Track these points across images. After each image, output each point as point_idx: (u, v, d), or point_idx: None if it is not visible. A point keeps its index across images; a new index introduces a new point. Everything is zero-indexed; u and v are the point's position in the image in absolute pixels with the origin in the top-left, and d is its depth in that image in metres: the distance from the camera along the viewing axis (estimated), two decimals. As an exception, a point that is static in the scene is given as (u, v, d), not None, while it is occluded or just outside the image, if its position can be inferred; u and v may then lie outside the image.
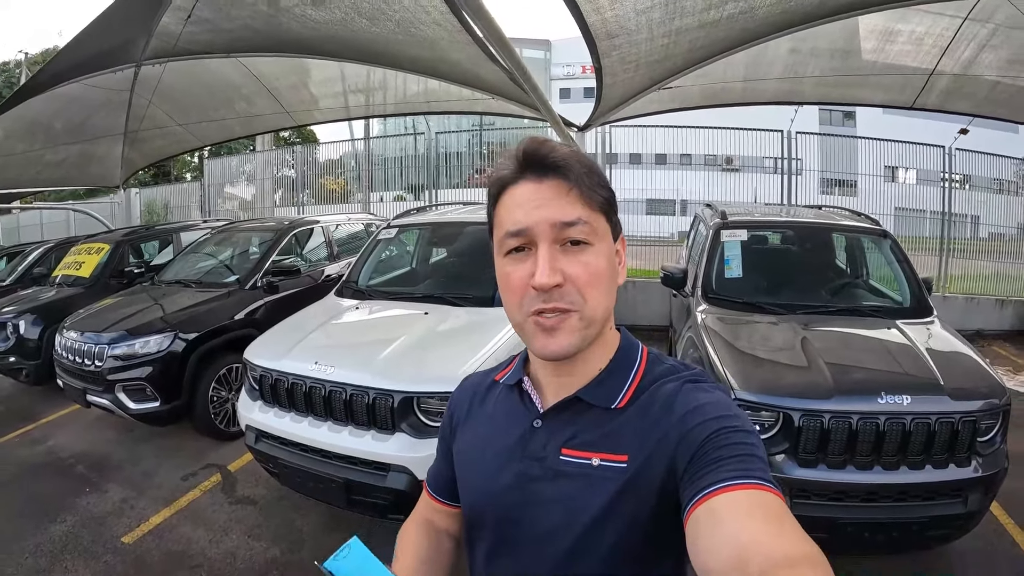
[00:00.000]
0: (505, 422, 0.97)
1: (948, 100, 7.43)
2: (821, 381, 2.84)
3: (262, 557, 3.40)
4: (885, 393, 2.74)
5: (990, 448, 2.86)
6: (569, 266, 0.81)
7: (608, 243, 0.86)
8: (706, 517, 0.68)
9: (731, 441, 0.74)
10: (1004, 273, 9.19)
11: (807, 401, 2.74)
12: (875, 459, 2.73)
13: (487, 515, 0.94)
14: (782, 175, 9.42)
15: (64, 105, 6.78)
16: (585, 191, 0.83)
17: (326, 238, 6.88)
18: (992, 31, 5.73)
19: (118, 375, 4.49)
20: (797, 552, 0.60)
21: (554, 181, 0.82)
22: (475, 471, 0.98)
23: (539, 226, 0.81)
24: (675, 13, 3.71)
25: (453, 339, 3.57)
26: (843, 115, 25.29)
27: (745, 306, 3.88)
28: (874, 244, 4.66)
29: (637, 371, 0.91)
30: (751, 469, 0.71)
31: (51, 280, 7.10)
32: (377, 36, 4.47)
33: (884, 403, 2.71)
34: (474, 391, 1.08)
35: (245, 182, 14.54)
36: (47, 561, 3.40)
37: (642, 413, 0.85)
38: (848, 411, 2.71)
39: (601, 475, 0.83)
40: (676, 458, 0.77)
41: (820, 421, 2.72)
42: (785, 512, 0.66)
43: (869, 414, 2.70)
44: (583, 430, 0.87)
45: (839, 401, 2.73)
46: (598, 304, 0.83)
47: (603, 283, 0.84)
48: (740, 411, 0.82)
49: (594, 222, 0.83)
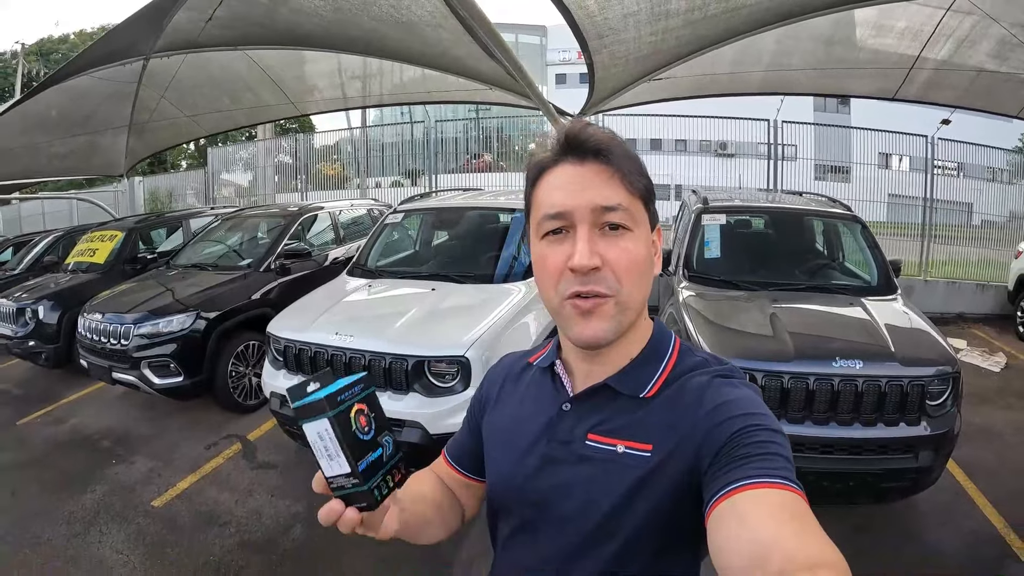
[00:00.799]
0: (535, 404, 0.97)
1: (930, 91, 7.60)
2: (782, 347, 3.20)
3: (286, 512, 3.74)
4: (840, 358, 3.09)
5: (941, 411, 3.17)
6: (608, 250, 0.81)
7: (646, 231, 0.86)
8: (728, 514, 0.68)
9: (757, 439, 0.74)
10: (990, 259, 9.46)
11: (769, 363, 3.10)
12: (831, 416, 3.09)
13: (511, 495, 0.95)
14: (768, 161, 9.75)
15: (74, 98, 6.91)
16: (627, 176, 0.83)
17: (332, 223, 7.20)
18: (973, 24, 5.90)
19: (144, 352, 4.80)
20: (819, 556, 0.60)
21: (595, 165, 0.82)
22: (503, 451, 0.99)
23: (579, 209, 0.81)
24: (661, 15, 4.00)
25: (458, 311, 3.92)
26: (837, 102, 25.13)
27: (722, 283, 4.22)
28: (847, 229, 5.01)
29: (668, 362, 0.90)
30: (776, 468, 0.70)
31: (64, 267, 7.34)
32: (384, 34, 4.75)
33: (838, 366, 3.06)
34: (508, 370, 1.09)
35: (244, 170, 14.73)
36: (82, 527, 3.64)
37: (670, 404, 0.85)
38: (805, 372, 3.06)
39: (625, 462, 0.83)
40: (701, 452, 0.78)
41: (780, 381, 3.07)
42: (808, 514, 0.66)
43: (824, 376, 3.06)
44: (610, 417, 0.88)
45: (797, 364, 3.08)
46: (634, 290, 0.83)
47: (640, 270, 0.84)
48: (768, 409, 0.81)
49: (633, 208, 0.83)
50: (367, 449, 0.73)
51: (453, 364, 3.40)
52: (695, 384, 0.86)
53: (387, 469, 0.76)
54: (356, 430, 0.73)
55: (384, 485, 0.75)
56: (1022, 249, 7.94)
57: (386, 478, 0.76)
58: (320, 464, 0.73)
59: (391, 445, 0.77)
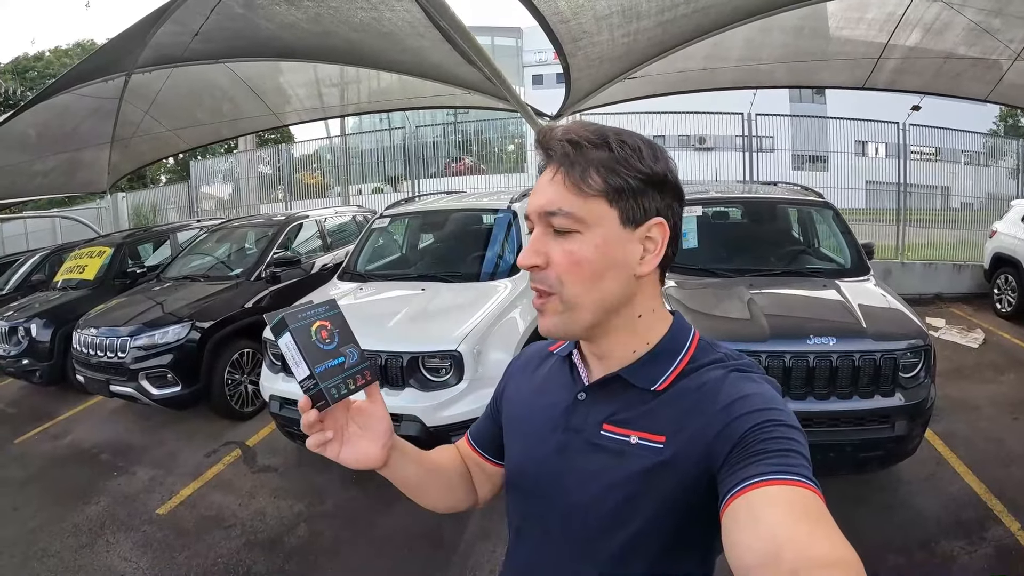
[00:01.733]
0: (553, 392, 0.98)
1: (898, 79, 7.79)
2: (759, 328, 3.37)
3: (289, 512, 3.82)
4: (813, 336, 3.25)
5: (915, 383, 3.34)
6: (552, 251, 0.83)
7: (606, 229, 0.82)
8: (743, 510, 0.67)
9: (774, 435, 0.73)
10: (967, 240, 9.70)
11: (746, 344, 3.24)
12: (808, 391, 3.26)
13: (526, 480, 0.97)
14: (743, 153, 9.96)
15: (55, 115, 6.94)
16: (578, 178, 0.81)
17: (319, 230, 7.32)
18: (938, 12, 6.06)
19: (141, 364, 4.87)
20: (834, 554, 0.59)
21: (553, 167, 0.84)
22: (521, 437, 1.01)
23: (532, 212, 0.85)
24: (632, 17, 4.14)
25: (448, 309, 4.07)
26: (813, 93, 25.15)
27: (700, 272, 4.38)
28: (819, 215, 5.18)
29: (684, 356, 0.89)
30: (793, 465, 0.69)
31: (54, 284, 7.32)
32: (364, 43, 4.86)
33: (812, 344, 3.23)
34: (530, 359, 1.11)
35: (223, 182, 14.69)
36: (88, 537, 3.68)
37: (684, 396, 0.84)
38: (781, 351, 3.23)
39: (637, 453, 0.83)
40: (716, 446, 0.77)
41: (758, 360, 3.22)
42: (824, 513, 0.65)
43: (799, 353, 3.22)
44: (624, 407, 0.88)
45: (773, 343, 3.25)
46: (580, 290, 0.83)
47: (584, 270, 0.82)
48: (786, 405, 0.80)
49: (579, 210, 0.81)
50: (327, 356, 0.84)
51: (446, 359, 3.53)
52: (712, 377, 0.85)
53: (348, 374, 0.86)
54: (316, 341, 0.84)
55: (344, 385, 0.85)
56: (996, 229, 8.11)
57: (347, 380, 0.85)
58: (294, 373, 0.84)
59: (355, 355, 0.88)
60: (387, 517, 3.68)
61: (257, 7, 4.32)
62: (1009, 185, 10.43)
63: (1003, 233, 7.93)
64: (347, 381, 0.85)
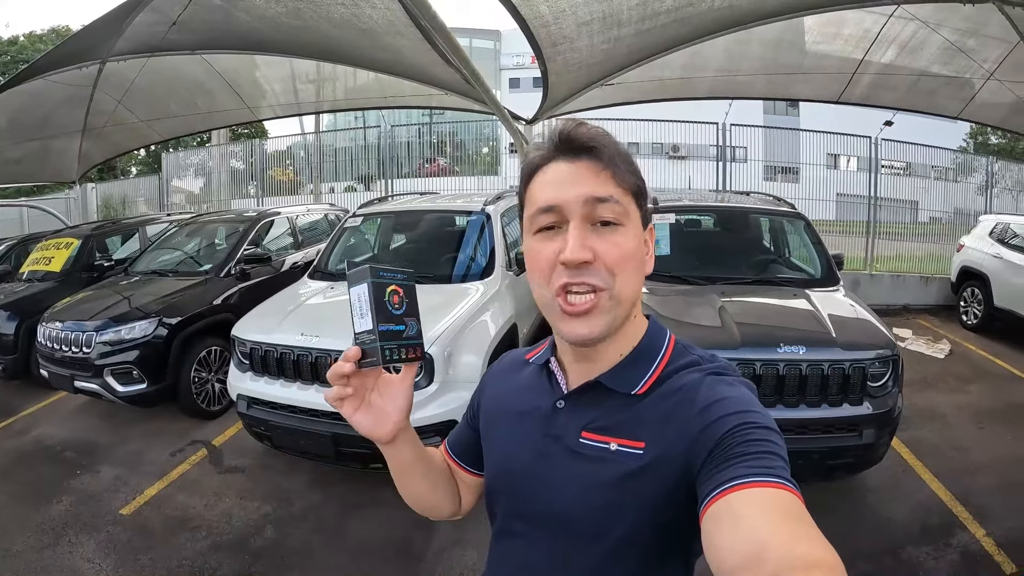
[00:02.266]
0: (530, 401, 0.97)
1: (873, 94, 8.00)
2: (730, 336, 3.40)
3: (256, 514, 3.76)
4: (784, 344, 3.30)
5: (882, 392, 3.41)
6: (599, 244, 0.81)
7: (638, 227, 0.86)
8: (723, 513, 0.67)
9: (752, 437, 0.73)
10: (935, 254, 9.90)
11: (717, 351, 3.27)
12: (778, 399, 3.30)
13: (507, 488, 0.97)
14: (717, 163, 10.04)
15: (27, 101, 6.84)
16: (618, 172, 0.83)
17: (291, 227, 7.23)
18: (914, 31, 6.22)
19: (106, 360, 4.75)
20: (815, 555, 0.59)
21: (587, 161, 0.83)
22: (500, 445, 1.00)
23: (571, 203, 0.81)
24: (612, 24, 4.16)
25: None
26: (787, 105, 25.38)
27: (672, 279, 4.41)
28: (791, 226, 5.26)
29: (661, 359, 0.90)
30: (772, 467, 0.70)
31: (19, 276, 7.12)
32: (342, 40, 4.82)
33: (782, 352, 3.28)
34: (507, 368, 1.10)
35: (195, 175, 14.49)
36: (51, 537, 3.59)
37: (662, 402, 0.84)
38: (752, 359, 3.28)
39: (618, 460, 0.83)
40: (695, 450, 0.76)
41: (728, 368, 3.26)
42: (804, 514, 0.65)
43: (769, 361, 3.27)
44: (603, 414, 0.87)
45: (744, 351, 3.29)
46: (627, 284, 0.83)
47: (633, 264, 0.83)
48: (763, 408, 0.80)
49: (625, 204, 0.83)
50: (391, 320, 0.85)
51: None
52: (688, 381, 0.85)
53: (404, 344, 0.86)
54: (387, 302, 0.85)
55: (397, 352, 0.85)
56: (964, 243, 8.29)
57: (400, 349, 0.85)
58: (353, 323, 0.85)
59: (415, 329, 0.88)
60: (356, 520, 3.65)
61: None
62: (977, 201, 10.64)
63: (970, 247, 8.10)
64: (401, 349, 0.85)
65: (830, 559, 0.59)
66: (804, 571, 0.57)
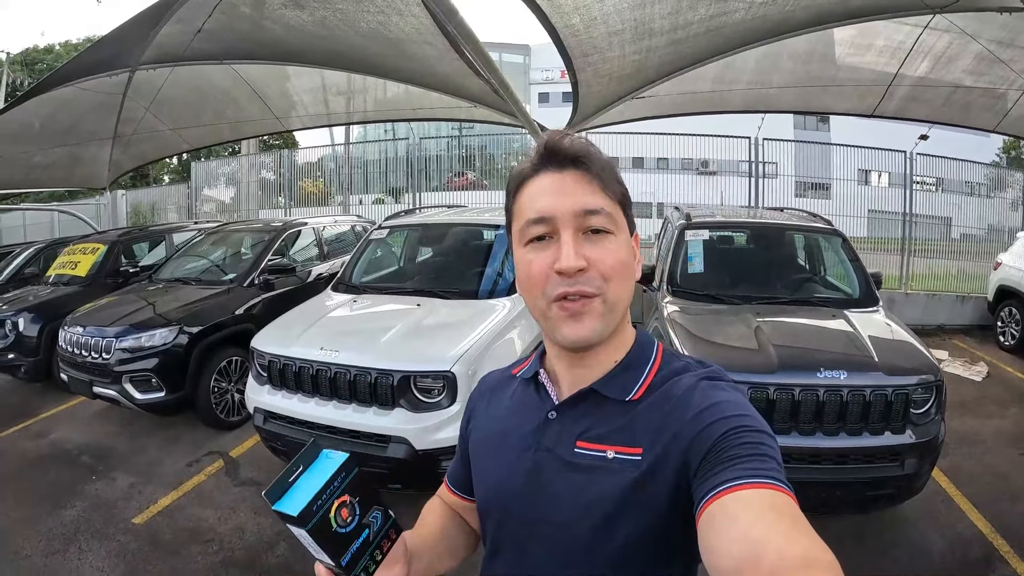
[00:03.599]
0: (521, 415, 0.96)
1: (907, 107, 7.77)
2: (767, 359, 3.23)
3: (270, 530, 3.66)
4: (824, 369, 3.12)
5: (925, 419, 3.23)
6: (592, 252, 0.82)
7: (627, 235, 0.88)
8: (718, 515, 0.67)
9: (746, 440, 0.74)
10: (969, 272, 9.57)
11: (754, 375, 3.12)
12: (817, 426, 3.12)
13: (501, 507, 0.94)
14: (750, 179, 9.85)
15: (57, 108, 6.91)
16: (605, 182, 0.85)
17: (316, 238, 7.18)
18: (949, 42, 6.05)
19: (125, 367, 4.73)
20: (810, 555, 0.59)
21: (575, 172, 0.84)
22: (490, 463, 0.99)
23: (562, 214, 0.82)
24: (644, 34, 4.06)
25: (444, 327, 3.92)
26: (818, 120, 25.44)
27: (706, 298, 4.25)
28: (828, 243, 5.07)
29: (652, 365, 0.90)
30: (766, 469, 0.70)
31: (45, 279, 7.20)
32: (369, 50, 4.78)
33: (822, 377, 3.10)
34: (491, 387, 1.09)
35: (226, 185, 14.63)
36: (61, 544, 3.56)
37: (657, 406, 0.84)
38: (791, 384, 3.10)
39: (616, 468, 0.82)
40: (690, 454, 0.77)
41: (766, 392, 3.10)
42: (798, 515, 0.65)
43: (809, 386, 3.09)
44: (598, 423, 0.87)
45: (782, 375, 3.12)
46: (620, 291, 0.84)
47: (625, 271, 0.85)
48: (755, 411, 0.81)
49: (614, 213, 0.85)
50: (350, 540, 0.77)
51: (439, 379, 3.39)
52: (682, 386, 0.85)
53: (375, 545, 0.80)
54: (336, 528, 0.76)
55: (372, 563, 0.79)
56: (1000, 261, 8.03)
57: (373, 554, 0.79)
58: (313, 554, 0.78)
59: (379, 519, 0.81)
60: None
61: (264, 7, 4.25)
62: (1011, 217, 10.36)
63: (1008, 265, 7.83)
64: (374, 554, 0.80)
65: (825, 557, 0.60)
66: (799, 571, 0.58)
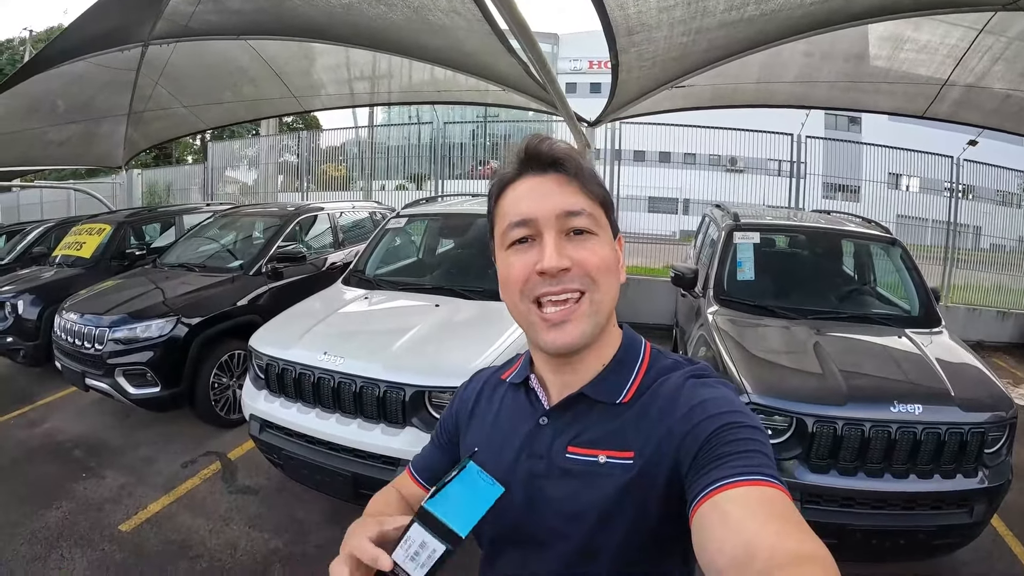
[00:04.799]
0: (511, 421, 0.96)
1: (959, 111, 7.40)
2: (835, 387, 2.84)
3: (264, 548, 3.37)
4: (898, 402, 2.74)
5: (996, 460, 2.89)
6: (576, 252, 0.82)
7: (610, 237, 0.88)
8: (712, 513, 0.67)
9: (737, 437, 0.74)
10: (1005, 285, 9.22)
11: (821, 407, 2.74)
12: (886, 467, 2.74)
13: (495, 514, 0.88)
14: (791, 178, 9.44)
15: (69, 83, 6.69)
16: (586, 185, 0.85)
17: (331, 225, 6.87)
18: (1007, 44, 5.71)
19: (118, 359, 4.44)
20: (804, 550, 0.59)
21: (555, 175, 0.85)
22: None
23: (545, 216, 0.83)
24: (697, 12, 3.68)
25: (466, 332, 3.54)
26: (848, 120, 25.24)
27: (756, 309, 3.88)
28: (883, 251, 4.65)
29: (641, 366, 0.90)
30: (758, 465, 0.70)
31: (51, 260, 7.03)
32: (391, 23, 4.43)
33: (896, 411, 2.71)
34: (481, 388, 1.08)
35: (247, 167, 14.48)
36: (43, 548, 3.37)
37: (647, 408, 0.84)
38: (861, 418, 2.71)
39: (608, 472, 0.82)
40: (681, 453, 0.77)
41: (833, 427, 2.72)
42: (792, 509, 0.66)
43: (881, 422, 2.70)
44: (589, 427, 0.87)
45: (852, 408, 2.73)
46: (605, 290, 0.84)
47: (609, 270, 0.85)
48: (745, 406, 0.81)
49: (596, 215, 0.86)
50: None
51: None
52: (670, 385, 0.86)
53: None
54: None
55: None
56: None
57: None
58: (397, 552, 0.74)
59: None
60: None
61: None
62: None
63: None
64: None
65: (820, 553, 0.60)
66: (794, 567, 0.58)
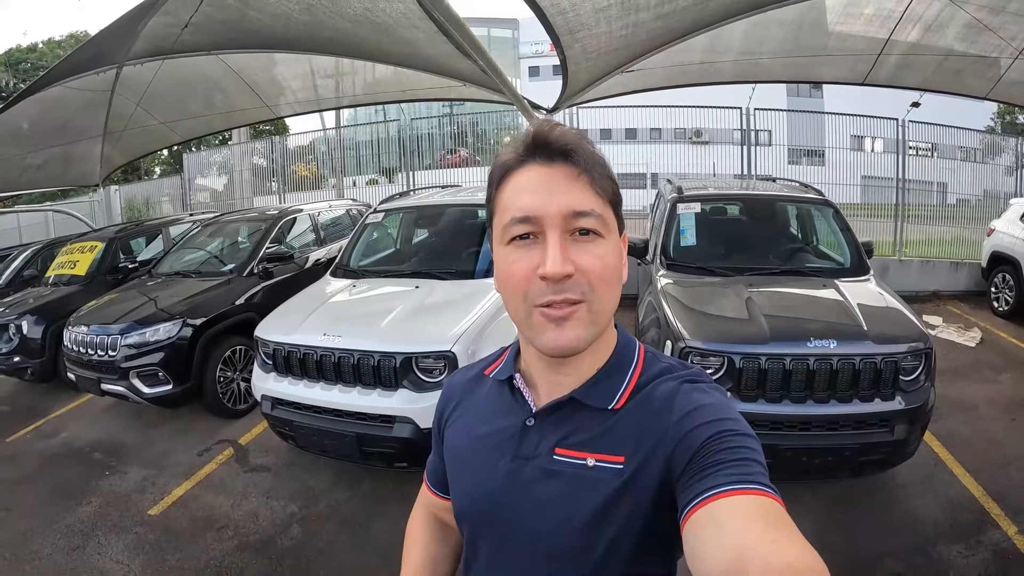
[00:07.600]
0: (496, 420, 0.92)
1: (898, 75, 7.73)
2: (758, 330, 3.31)
3: (282, 513, 3.79)
4: (814, 338, 3.21)
5: (914, 386, 3.31)
6: (580, 257, 0.76)
7: (616, 237, 0.82)
8: (705, 522, 0.66)
9: (730, 445, 0.72)
10: (964, 237, 9.61)
11: (746, 346, 3.21)
12: (808, 394, 3.21)
13: (478, 515, 0.92)
14: (742, 148, 9.88)
15: (46, 108, 6.80)
16: (596, 180, 0.79)
17: (312, 224, 7.24)
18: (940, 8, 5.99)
19: (132, 362, 4.80)
20: (798, 561, 0.59)
21: (564, 167, 0.78)
22: (466, 470, 0.95)
23: (549, 215, 0.76)
24: (631, 9, 4.07)
25: (443, 307, 4.01)
26: (810, 88, 25.06)
27: (699, 270, 4.32)
28: (819, 213, 5.12)
29: (634, 370, 0.87)
30: (751, 474, 0.69)
31: (45, 280, 7.19)
32: (359, 36, 4.76)
33: (813, 346, 3.18)
34: (463, 386, 1.04)
35: (218, 173, 14.56)
36: (80, 539, 3.65)
37: (639, 413, 0.82)
38: (781, 354, 3.18)
39: (596, 476, 0.80)
40: (673, 460, 0.75)
41: (758, 363, 3.19)
42: (786, 519, 0.65)
43: (800, 356, 3.18)
44: (578, 429, 0.84)
45: (774, 346, 3.21)
46: (607, 297, 0.79)
47: (613, 278, 0.80)
48: (739, 415, 0.79)
49: (605, 214, 0.79)
50: None
51: (440, 359, 3.48)
52: (663, 391, 0.83)
53: None
54: None
55: None
56: (994, 227, 8.05)
57: None
58: None
59: None
60: (380, 519, 3.65)
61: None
62: (1007, 182, 10.36)
63: (1001, 232, 7.87)
64: None
65: (814, 563, 0.59)
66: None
